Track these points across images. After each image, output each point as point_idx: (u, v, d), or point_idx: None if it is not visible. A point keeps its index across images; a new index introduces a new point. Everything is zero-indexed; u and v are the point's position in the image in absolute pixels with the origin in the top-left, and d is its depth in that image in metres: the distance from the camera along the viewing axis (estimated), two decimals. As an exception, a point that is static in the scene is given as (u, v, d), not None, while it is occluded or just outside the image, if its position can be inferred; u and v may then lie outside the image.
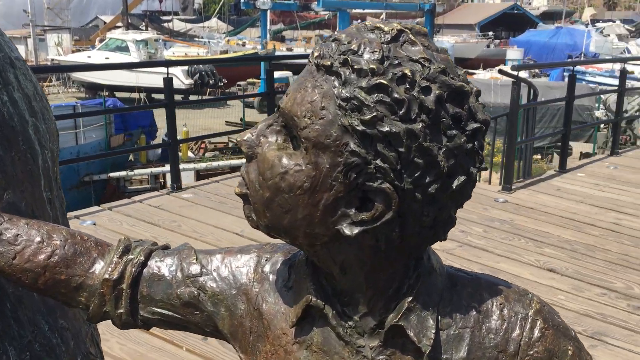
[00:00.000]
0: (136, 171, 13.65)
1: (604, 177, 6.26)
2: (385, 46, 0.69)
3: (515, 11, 47.55)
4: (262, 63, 20.43)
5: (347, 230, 0.71)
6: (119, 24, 35.11)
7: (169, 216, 4.57)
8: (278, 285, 0.84)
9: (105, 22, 38.92)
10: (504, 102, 12.43)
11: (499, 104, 14.76)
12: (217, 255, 0.89)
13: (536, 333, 0.77)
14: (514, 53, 30.36)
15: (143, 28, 34.98)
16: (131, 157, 14.66)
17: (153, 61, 24.29)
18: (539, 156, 14.20)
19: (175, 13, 46.37)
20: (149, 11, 43.81)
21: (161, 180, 13.65)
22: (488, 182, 7.89)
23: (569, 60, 23.05)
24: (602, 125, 14.29)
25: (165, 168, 12.88)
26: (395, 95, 0.67)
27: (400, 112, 0.67)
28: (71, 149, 11.93)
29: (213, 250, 0.90)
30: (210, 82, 24.50)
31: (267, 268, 0.86)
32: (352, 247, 0.74)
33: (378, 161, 0.68)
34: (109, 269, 0.85)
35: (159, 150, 14.11)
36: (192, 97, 21.90)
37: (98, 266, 0.86)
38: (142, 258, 0.86)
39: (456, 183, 0.70)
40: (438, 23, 38.83)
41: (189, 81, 23.37)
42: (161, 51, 26.73)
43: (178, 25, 41.59)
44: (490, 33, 42.98)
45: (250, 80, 24.76)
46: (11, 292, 0.96)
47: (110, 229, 4.22)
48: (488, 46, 38.13)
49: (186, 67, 23.06)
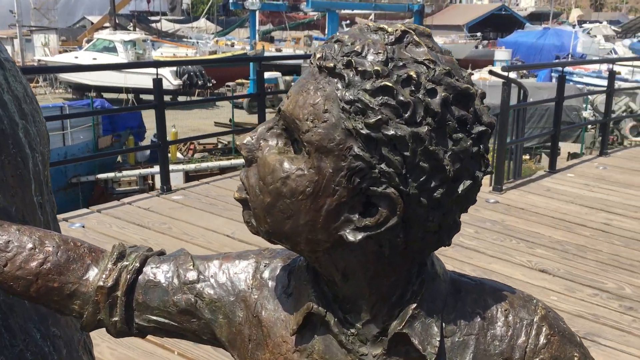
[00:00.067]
0: (124, 172, 13.54)
1: (594, 178, 6.29)
2: (389, 47, 0.67)
3: (503, 12, 47.89)
4: (251, 64, 20.43)
5: (351, 236, 0.69)
6: (107, 25, 34.92)
7: (159, 218, 4.53)
8: (277, 291, 0.82)
9: (92, 23, 38.77)
10: (493, 103, 12.44)
11: (488, 105, 14.79)
12: (215, 261, 0.86)
13: (542, 340, 0.76)
14: (502, 54, 30.53)
15: (131, 28, 34.84)
16: (119, 159, 14.56)
17: (142, 62, 24.17)
18: (527, 156, 14.25)
19: (163, 13, 46.26)
20: (137, 11, 43.61)
21: (150, 181, 13.56)
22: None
23: (559, 60, 23.18)
24: (589, 125, 14.38)
25: (153, 169, 12.80)
26: (400, 97, 0.65)
27: (405, 115, 0.65)
28: (58, 151, 11.82)
29: (210, 256, 0.88)
30: (199, 83, 24.42)
31: (266, 274, 0.84)
32: (355, 253, 0.72)
33: (383, 165, 0.66)
34: (103, 276, 0.83)
35: (148, 151, 14.01)
36: (181, 98, 21.82)
37: (92, 273, 0.84)
38: (138, 264, 0.84)
39: (462, 187, 0.69)
40: (427, 24, 38.87)
41: (178, 82, 23.28)
42: (149, 52, 26.62)
43: (166, 25, 41.45)
44: (478, 34, 43.22)
45: (239, 80, 24.71)
46: (2, 300, 0.94)
47: (99, 232, 4.18)
48: (476, 47, 38.32)
49: (175, 68, 22.94)
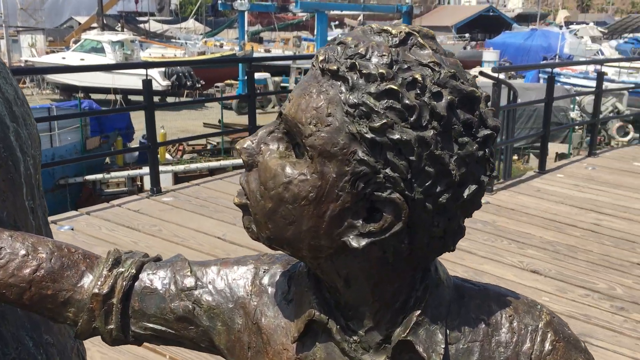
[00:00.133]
0: (113, 174, 13.42)
1: (583, 178, 6.32)
2: (393, 50, 0.66)
3: (490, 13, 48.19)
4: (240, 65, 20.36)
5: (354, 242, 0.68)
6: (94, 25, 34.73)
7: (149, 220, 4.50)
8: (277, 298, 0.80)
9: (79, 23, 38.52)
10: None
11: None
12: (213, 267, 0.85)
13: (547, 346, 0.75)
14: (490, 55, 30.62)
15: (119, 29, 34.62)
16: (107, 160, 14.45)
17: (131, 63, 24.01)
18: (516, 157, 14.31)
19: (151, 14, 46.06)
20: (125, 12, 43.42)
21: (138, 182, 13.47)
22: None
23: (548, 62, 23.29)
24: (577, 126, 14.46)
25: (142, 170, 12.71)
26: (405, 101, 0.64)
27: (411, 119, 0.64)
28: (46, 152, 11.70)
29: (208, 261, 0.87)
30: (187, 84, 24.31)
31: (266, 280, 0.83)
32: (358, 259, 0.70)
33: (388, 170, 0.65)
34: (99, 283, 0.81)
35: (136, 152, 13.91)
36: (170, 99, 21.72)
37: (87, 280, 0.82)
38: (134, 271, 0.82)
39: (467, 192, 0.67)
40: (415, 25, 39.01)
41: (166, 83, 23.14)
42: (137, 52, 26.45)
43: (154, 26, 41.27)
44: (466, 35, 43.44)
45: (228, 81, 24.63)
46: (-7, 308, 0.92)
47: (89, 234, 4.15)
48: (464, 48, 38.47)
49: (163, 69, 22.82)
